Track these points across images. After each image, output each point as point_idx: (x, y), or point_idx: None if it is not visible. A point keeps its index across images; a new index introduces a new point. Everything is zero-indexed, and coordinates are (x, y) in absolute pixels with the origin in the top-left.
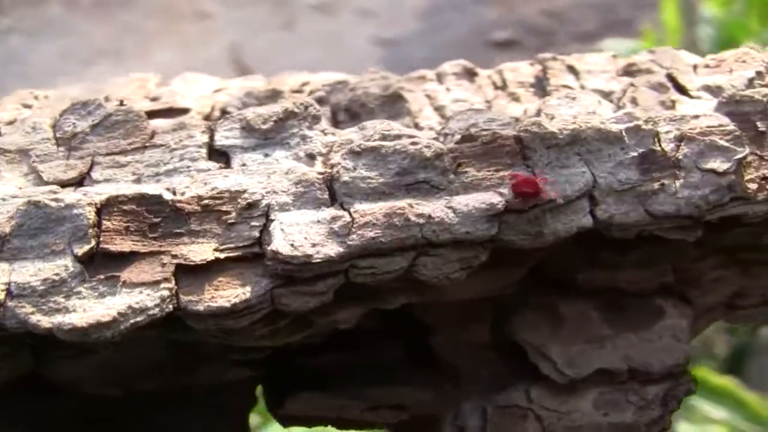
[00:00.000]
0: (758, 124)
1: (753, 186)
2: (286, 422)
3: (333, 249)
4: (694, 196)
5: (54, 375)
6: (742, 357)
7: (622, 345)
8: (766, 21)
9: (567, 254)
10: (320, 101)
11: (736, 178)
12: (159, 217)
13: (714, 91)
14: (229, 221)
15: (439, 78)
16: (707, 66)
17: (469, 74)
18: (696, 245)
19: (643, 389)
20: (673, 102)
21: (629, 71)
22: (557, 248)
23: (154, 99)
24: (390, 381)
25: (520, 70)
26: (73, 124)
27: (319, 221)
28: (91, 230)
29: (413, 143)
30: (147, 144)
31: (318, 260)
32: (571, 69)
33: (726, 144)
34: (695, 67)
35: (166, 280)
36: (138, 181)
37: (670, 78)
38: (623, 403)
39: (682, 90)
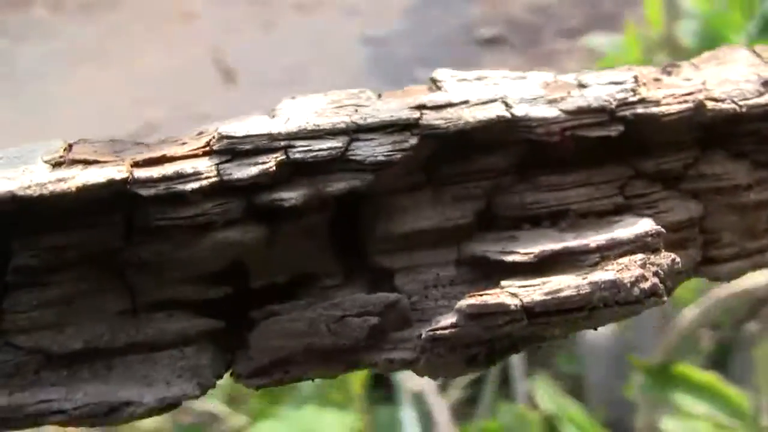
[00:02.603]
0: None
1: (658, 94)
2: (254, 381)
3: (273, 127)
4: (601, 95)
5: None
6: (726, 352)
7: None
8: (749, 14)
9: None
10: None
11: (636, 86)
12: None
13: None
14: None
15: None
16: None
17: None
18: (634, 170)
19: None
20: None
21: None
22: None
23: None
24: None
25: None
26: None
27: (259, 121)
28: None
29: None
30: None
31: (257, 133)
32: None
33: (619, 72)
34: None
35: (121, 171)
36: None
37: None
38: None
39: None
